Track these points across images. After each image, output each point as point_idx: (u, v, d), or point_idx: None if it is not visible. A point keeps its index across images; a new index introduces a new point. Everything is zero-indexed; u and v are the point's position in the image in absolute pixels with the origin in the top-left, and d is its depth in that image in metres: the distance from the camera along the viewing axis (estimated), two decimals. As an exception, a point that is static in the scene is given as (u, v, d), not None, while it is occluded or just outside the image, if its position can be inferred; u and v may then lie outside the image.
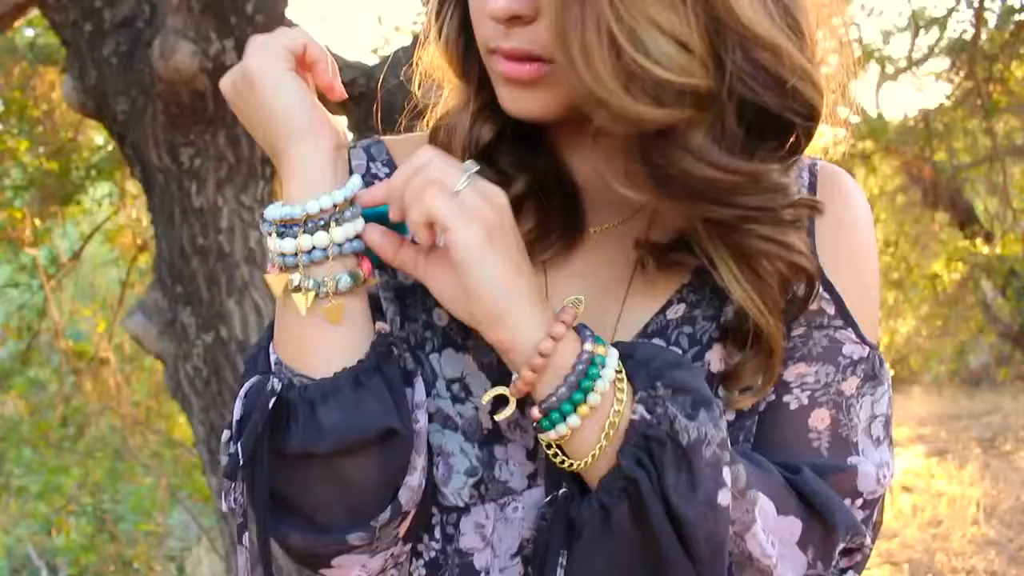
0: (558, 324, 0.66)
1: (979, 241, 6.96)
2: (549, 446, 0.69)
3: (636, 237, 0.78)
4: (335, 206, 0.69)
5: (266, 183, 2.73)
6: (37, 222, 5.36)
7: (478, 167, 0.68)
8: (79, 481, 5.84)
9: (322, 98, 0.75)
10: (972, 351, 9.01)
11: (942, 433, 7.27)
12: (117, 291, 5.80)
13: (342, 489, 0.70)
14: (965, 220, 7.34)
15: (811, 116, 0.69)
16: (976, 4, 5.24)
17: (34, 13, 4.22)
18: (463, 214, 0.65)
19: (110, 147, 5.00)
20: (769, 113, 0.67)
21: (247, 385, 0.73)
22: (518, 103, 0.72)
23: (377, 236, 0.71)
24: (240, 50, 2.55)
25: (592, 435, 0.66)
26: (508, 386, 0.69)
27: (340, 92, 0.76)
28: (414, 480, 0.73)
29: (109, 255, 6.08)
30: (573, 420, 0.66)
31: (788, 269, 0.72)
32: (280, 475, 0.70)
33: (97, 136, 5.49)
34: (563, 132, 0.79)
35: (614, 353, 0.68)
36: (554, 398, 0.66)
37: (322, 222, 0.69)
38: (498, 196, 0.68)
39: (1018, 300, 7.15)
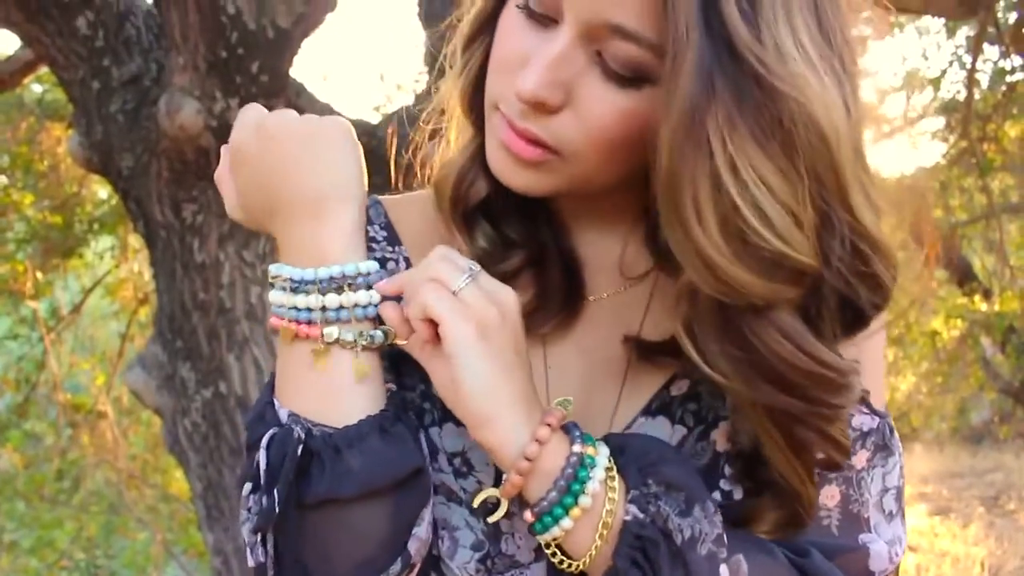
0: (543, 427, 0.65)
1: (977, 298, 6.97)
2: (548, 545, 0.68)
3: (625, 333, 0.76)
4: (370, 272, 0.72)
5: (268, 239, 2.75)
6: (39, 275, 5.38)
7: (479, 268, 0.68)
8: (72, 536, 5.78)
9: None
10: (973, 408, 8.96)
11: (944, 491, 7.20)
12: (117, 344, 5.80)
13: (353, 540, 0.69)
14: (963, 277, 7.37)
15: (883, 306, 0.67)
16: (968, 66, 5.34)
17: (43, 70, 4.30)
18: (458, 310, 0.65)
19: (113, 201, 5.05)
20: (847, 300, 0.65)
21: (268, 435, 0.71)
22: (508, 172, 0.70)
23: (395, 314, 0.71)
24: (245, 108, 2.60)
25: (587, 536, 0.66)
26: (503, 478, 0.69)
27: None
28: (422, 531, 0.72)
29: (109, 308, 6.09)
30: (566, 523, 0.65)
31: (824, 460, 0.69)
32: (296, 526, 0.69)
33: (100, 190, 5.55)
34: (561, 196, 0.77)
35: (604, 451, 0.67)
36: (545, 502, 0.65)
37: (364, 281, 0.71)
38: (504, 295, 0.67)
39: (1018, 357, 7.13)
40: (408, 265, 0.83)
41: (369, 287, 0.71)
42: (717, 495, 0.73)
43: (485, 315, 0.65)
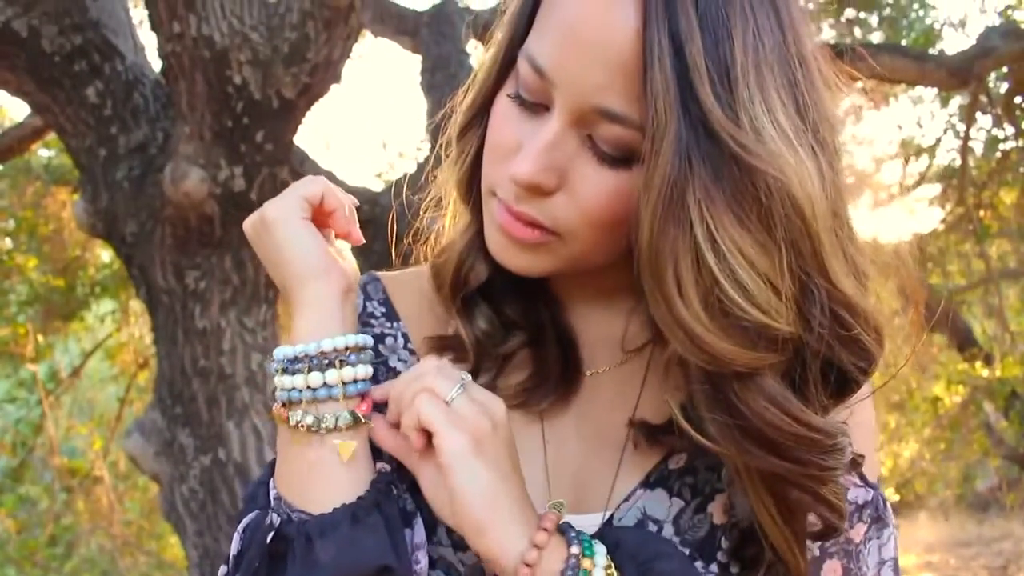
0: (540, 532, 0.66)
1: (978, 364, 6.94)
2: None
3: (625, 412, 0.77)
4: (346, 348, 0.72)
5: (269, 306, 2.77)
6: (40, 337, 5.38)
7: (469, 377, 0.70)
8: (63, 605, 5.67)
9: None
10: (978, 475, 8.86)
11: (951, 560, 7.08)
12: (115, 408, 5.77)
13: None
14: (963, 342, 7.35)
15: (870, 370, 0.68)
16: (962, 134, 5.42)
17: (51, 135, 4.37)
18: (452, 421, 0.66)
19: (115, 265, 5.08)
20: (831, 365, 0.66)
21: (245, 520, 0.73)
22: (507, 255, 0.72)
23: (380, 426, 0.73)
24: (248, 177, 2.64)
25: None
26: None
27: (357, 238, 0.78)
28: None
29: (109, 372, 6.08)
30: None
31: (820, 522, 0.69)
32: None
33: (103, 253, 5.59)
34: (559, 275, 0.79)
35: (602, 551, 0.68)
36: None
37: (327, 361, 0.71)
38: (494, 405, 0.69)
39: (1021, 423, 7.07)
40: (406, 341, 0.84)
41: (332, 365, 0.71)
42: (714, 567, 0.74)
43: (478, 426, 0.67)
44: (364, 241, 0.79)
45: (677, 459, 0.76)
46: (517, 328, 0.78)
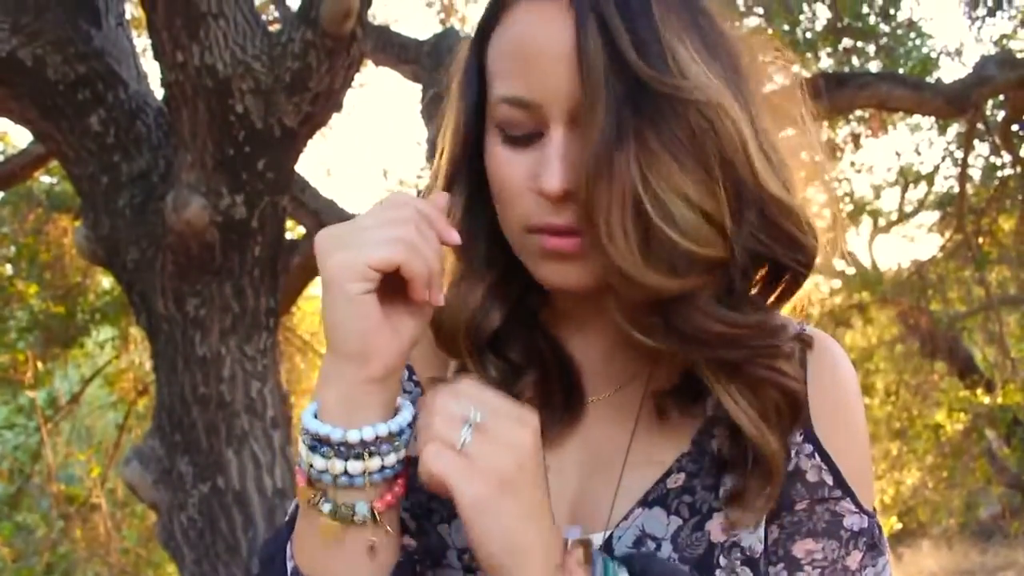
0: None
1: (980, 391, 6.93)
2: None
3: (654, 388, 0.80)
4: (376, 438, 0.67)
5: (269, 334, 2.77)
6: (39, 364, 5.38)
7: (483, 409, 0.66)
8: (58, 635, 5.61)
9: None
10: (981, 502, 8.80)
11: (955, 589, 7.01)
12: (114, 435, 5.75)
13: None
14: (965, 369, 7.34)
15: (809, 264, 0.75)
16: (960, 162, 5.45)
17: (53, 162, 4.39)
18: (465, 472, 0.64)
19: (115, 292, 5.08)
20: (773, 262, 0.73)
21: None
22: (561, 275, 0.73)
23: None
24: (249, 205, 2.64)
25: None
26: None
27: (436, 301, 0.70)
28: None
29: (108, 398, 6.06)
30: None
31: (782, 394, 0.74)
32: None
33: (104, 280, 5.59)
34: (560, 306, 0.82)
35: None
36: None
37: (355, 453, 0.67)
38: (517, 435, 0.66)
39: (1023, 450, 7.05)
40: (411, 373, 0.87)
41: (359, 457, 0.67)
42: None
43: (499, 467, 0.65)
44: (440, 303, 0.71)
45: (675, 478, 0.78)
46: (523, 370, 0.80)
